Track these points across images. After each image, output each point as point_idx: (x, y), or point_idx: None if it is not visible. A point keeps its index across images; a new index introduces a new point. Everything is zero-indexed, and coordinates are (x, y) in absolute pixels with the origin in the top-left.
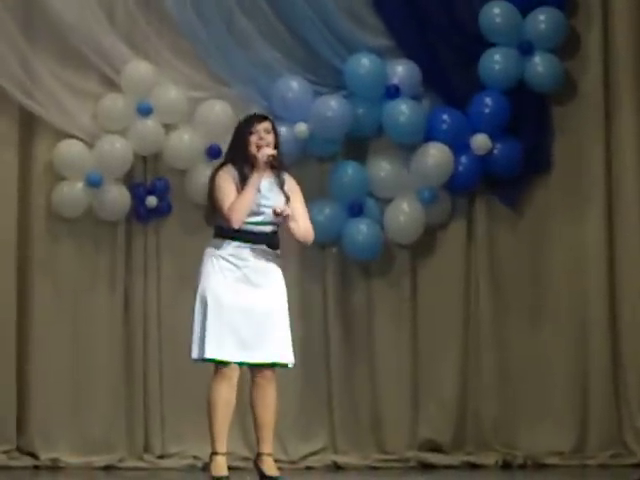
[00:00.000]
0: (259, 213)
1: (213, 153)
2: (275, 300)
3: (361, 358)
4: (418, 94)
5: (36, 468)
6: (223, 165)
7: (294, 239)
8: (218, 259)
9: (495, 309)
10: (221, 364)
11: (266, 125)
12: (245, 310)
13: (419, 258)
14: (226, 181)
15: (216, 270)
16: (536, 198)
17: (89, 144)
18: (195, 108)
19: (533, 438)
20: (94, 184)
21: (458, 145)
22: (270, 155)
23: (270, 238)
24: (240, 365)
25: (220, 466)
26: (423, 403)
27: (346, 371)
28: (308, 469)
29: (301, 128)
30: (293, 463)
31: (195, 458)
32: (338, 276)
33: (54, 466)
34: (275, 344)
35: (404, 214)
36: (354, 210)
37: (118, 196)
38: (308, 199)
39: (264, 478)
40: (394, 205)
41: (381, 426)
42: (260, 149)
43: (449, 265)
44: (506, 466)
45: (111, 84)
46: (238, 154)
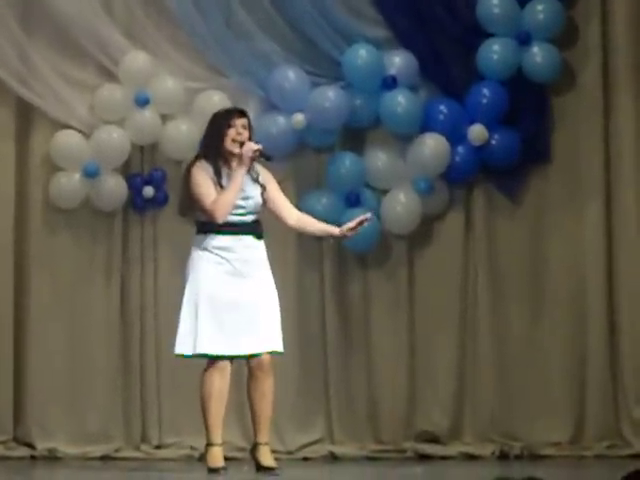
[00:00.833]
0: (238, 207)
1: None
2: (263, 289)
3: (358, 349)
4: (415, 85)
5: (33, 458)
6: (197, 159)
7: (303, 226)
8: (205, 253)
9: (493, 300)
10: (213, 357)
11: (244, 121)
12: (235, 303)
13: (416, 249)
14: (203, 177)
15: (204, 264)
16: (534, 188)
17: (86, 135)
18: (193, 99)
19: (530, 429)
20: (91, 175)
21: (455, 136)
22: (256, 150)
23: (253, 227)
24: (233, 358)
25: (216, 457)
26: (420, 394)
27: (343, 362)
28: (305, 459)
29: (298, 118)
30: (290, 453)
31: (192, 448)
32: (335, 267)
33: (51, 456)
34: (264, 333)
35: (401, 205)
36: (351, 200)
37: (115, 187)
38: (305, 190)
39: (260, 468)
40: (391, 196)
41: (378, 417)
42: (242, 144)
43: (447, 256)
44: (503, 457)
45: (109, 75)
46: (213, 146)
